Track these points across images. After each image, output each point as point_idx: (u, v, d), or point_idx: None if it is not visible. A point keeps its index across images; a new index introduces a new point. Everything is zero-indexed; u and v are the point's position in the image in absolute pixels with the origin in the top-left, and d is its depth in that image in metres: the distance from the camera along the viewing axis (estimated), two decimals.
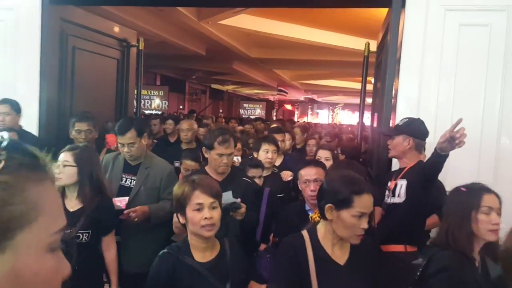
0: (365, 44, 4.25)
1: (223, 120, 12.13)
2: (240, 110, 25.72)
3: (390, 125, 3.22)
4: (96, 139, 3.75)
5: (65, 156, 2.44)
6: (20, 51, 3.81)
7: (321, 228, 1.79)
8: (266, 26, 9.76)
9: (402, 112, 3.15)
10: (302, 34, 10.00)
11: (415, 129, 2.74)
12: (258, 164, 3.26)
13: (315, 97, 27.24)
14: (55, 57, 3.93)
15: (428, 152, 2.66)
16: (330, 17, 8.52)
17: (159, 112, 15.54)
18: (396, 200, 2.67)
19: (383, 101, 3.34)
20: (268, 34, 9.99)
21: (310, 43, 10.33)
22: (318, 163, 2.76)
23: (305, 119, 25.47)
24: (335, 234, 1.73)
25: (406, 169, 2.73)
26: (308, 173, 2.59)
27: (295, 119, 24.74)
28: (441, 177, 2.90)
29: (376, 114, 4.22)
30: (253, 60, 13.65)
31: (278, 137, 3.95)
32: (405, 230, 2.60)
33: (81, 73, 4.22)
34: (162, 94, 18.16)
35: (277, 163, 3.81)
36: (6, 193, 0.57)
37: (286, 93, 22.77)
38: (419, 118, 2.79)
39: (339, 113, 28.06)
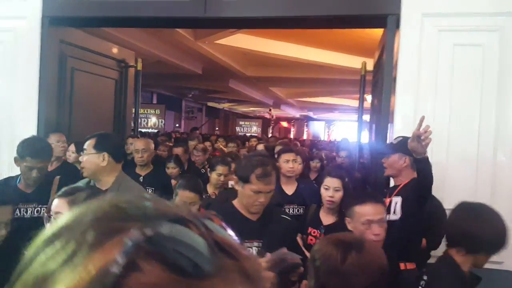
0: (362, 63, 4.32)
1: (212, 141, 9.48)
2: (237, 127, 25.79)
3: (387, 142, 3.26)
4: None
5: (59, 204, 1.83)
6: (19, 72, 3.84)
7: None
8: (262, 45, 9.87)
9: (399, 130, 3.19)
10: (297, 52, 10.11)
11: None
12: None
13: (311, 114, 27.37)
14: (54, 79, 3.97)
15: None
16: (326, 36, 8.63)
17: (155, 131, 15.58)
18: (392, 217, 2.69)
19: (380, 119, 3.38)
20: (264, 53, 10.10)
21: (305, 61, 10.44)
22: (376, 198, 2.24)
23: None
24: None
25: (400, 186, 2.76)
26: (369, 212, 2.09)
27: (291, 136, 24.83)
28: (439, 195, 2.94)
29: (374, 132, 4.26)
30: (249, 78, 13.76)
31: (288, 156, 3.45)
32: (402, 247, 2.61)
33: (80, 94, 4.26)
34: (159, 112, 18.22)
35: (289, 191, 3.37)
36: None
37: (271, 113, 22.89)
38: None
39: (334, 130, 28.14)
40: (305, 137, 26.08)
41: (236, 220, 2.08)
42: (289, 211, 3.20)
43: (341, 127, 27.41)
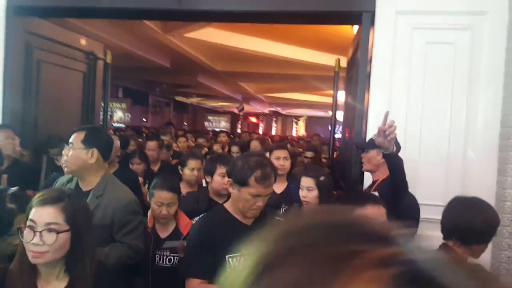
0: (336, 60, 4.34)
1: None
2: (205, 122, 25.62)
3: (362, 138, 3.29)
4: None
5: (50, 214, 1.51)
6: None
7: None
8: (232, 40, 9.80)
9: (373, 126, 3.23)
10: (267, 48, 10.09)
11: None
12: None
13: (279, 109, 27.49)
14: (19, 70, 3.81)
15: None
16: (296, 32, 8.65)
17: (122, 125, 15.26)
18: None
19: (355, 114, 3.41)
20: (234, 48, 10.02)
21: (275, 57, 10.44)
22: (376, 199, 2.09)
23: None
24: None
25: (378, 182, 2.79)
26: (371, 215, 2.09)
27: (260, 131, 24.89)
28: (411, 190, 3.00)
29: (347, 127, 4.30)
30: (218, 73, 13.65)
31: (280, 153, 3.39)
32: None
33: (47, 86, 4.10)
34: (125, 106, 17.88)
35: (278, 190, 3.24)
36: None
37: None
38: None
39: (302, 125, 28.39)
40: (273, 132, 26.22)
41: (231, 226, 1.99)
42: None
43: (311, 123, 27.71)
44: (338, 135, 7.19)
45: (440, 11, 3.17)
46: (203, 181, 3.55)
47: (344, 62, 4.58)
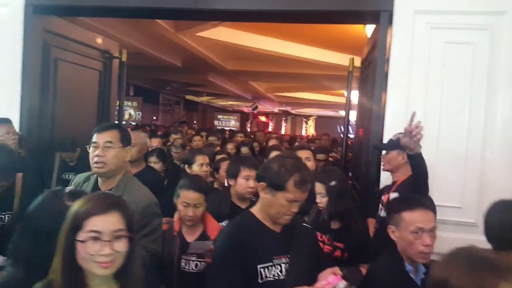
0: (350, 59, 4.32)
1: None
2: (215, 121, 25.67)
3: (379, 138, 3.28)
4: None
5: (117, 220, 1.41)
6: (1, 61, 3.71)
7: None
8: (244, 39, 9.80)
9: (390, 126, 3.22)
10: (278, 47, 10.08)
11: None
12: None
13: (289, 109, 27.46)
14: (37, 68, 3.85)
15: None
16: (307, 32, 8.63)
17: (133, 123, 15.34)
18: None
19: (372, 115, 3.40)
20: (245, 47, 10.03)
21: (286, 56, 10.42)
22: (426, 204, 1.98)
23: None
24: None
25: (398, 182, 2.78)
26: (420, 219, 1.88)
27: (269, 130, 24.87)
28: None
29: (362, 127, 4.28)
30: (229, 72, 13.66)
31: (303, 154, 3.40)
32: None
33: (64, 84, 4.13)
34: (136, 105, 17.97)
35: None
36: None
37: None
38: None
39: (312, 125, 28.33)
40: (283, 132, 26.18)
41: (261, 233, 1.86)
42: None
43: (320, 122, 27.63)
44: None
45: (459, 10, 3.15)
46: (225, 182, 3.37)
47: (357, 62, 4.56)
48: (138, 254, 1.48)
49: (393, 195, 2.72)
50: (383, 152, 3.02)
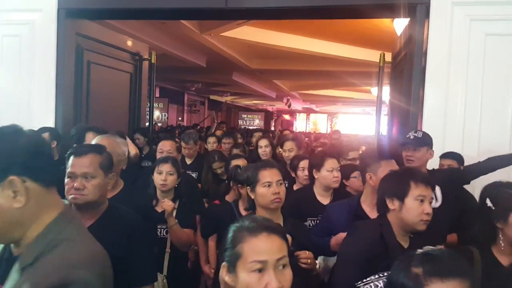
0: (381, 54, 4.23)
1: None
2: (239, 121, 25.69)
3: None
4: None
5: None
6: (36, 65, 3.79)
7: None
8: (268, 38, 9.75)
9: (429, 123, 3.13)
10: (303, 45, 10.00)
11: (431, 141, 2.75)
12: None
13: (313, 107, 27.27)
14: (71, 71, 3.90)
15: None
16: (333, 28, 8.53)
17: (159, 125, 15.50)
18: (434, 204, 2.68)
19: (408, 111, 3.31)
20: (269, 45, 9.97)
21: (311, 53, 10.33)
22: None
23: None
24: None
25: None
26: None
27: (293, 129, 24.75)
28: (470, 187, 2.89)
29: (396, 124, 4.18)
30: (253, 71, 13.65)
31: (333, 164, 2.94)
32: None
33: (96, 87, 4.18)
34: (162, 106, 18.12)
35: (325, 201, 2.88)
36: None
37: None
38: None
39: (337, 122, 28.05)
40: (307, 130, 26.02)
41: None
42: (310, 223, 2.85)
43: (345, 119, 27.33)
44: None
45: (500, 1, 3.04)
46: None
47: (388, 57, 4.46)
48: None
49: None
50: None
